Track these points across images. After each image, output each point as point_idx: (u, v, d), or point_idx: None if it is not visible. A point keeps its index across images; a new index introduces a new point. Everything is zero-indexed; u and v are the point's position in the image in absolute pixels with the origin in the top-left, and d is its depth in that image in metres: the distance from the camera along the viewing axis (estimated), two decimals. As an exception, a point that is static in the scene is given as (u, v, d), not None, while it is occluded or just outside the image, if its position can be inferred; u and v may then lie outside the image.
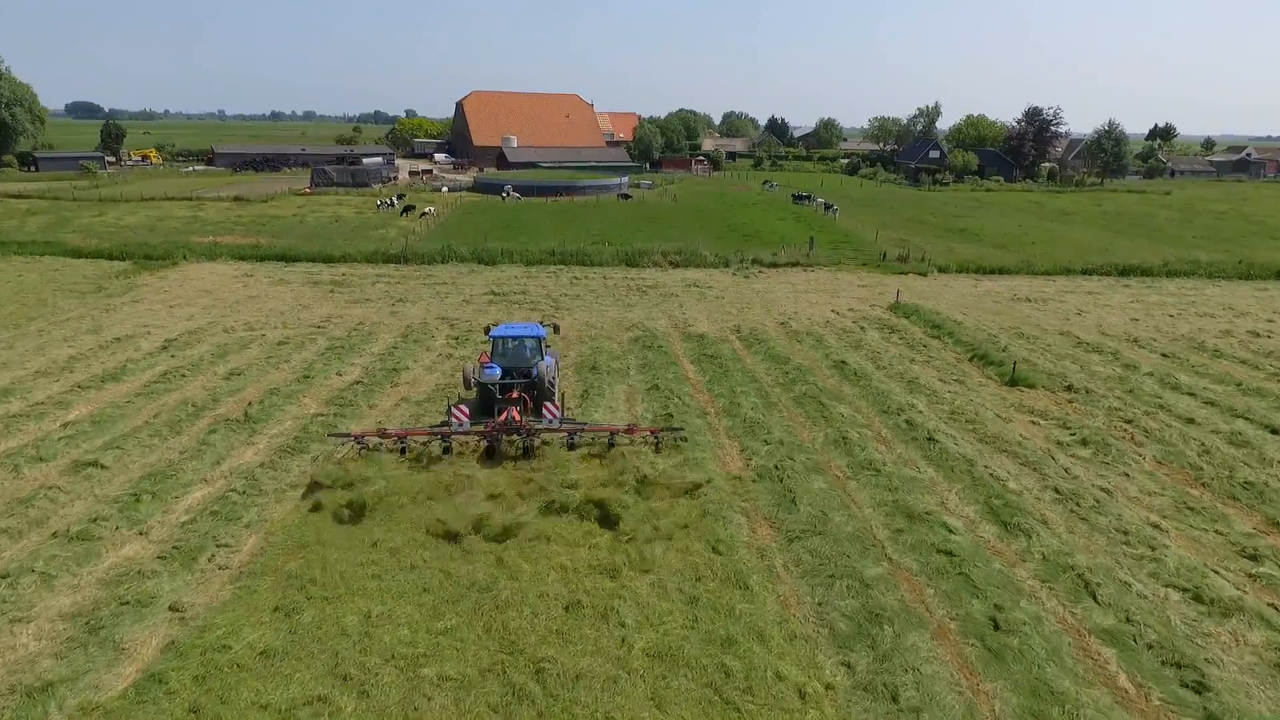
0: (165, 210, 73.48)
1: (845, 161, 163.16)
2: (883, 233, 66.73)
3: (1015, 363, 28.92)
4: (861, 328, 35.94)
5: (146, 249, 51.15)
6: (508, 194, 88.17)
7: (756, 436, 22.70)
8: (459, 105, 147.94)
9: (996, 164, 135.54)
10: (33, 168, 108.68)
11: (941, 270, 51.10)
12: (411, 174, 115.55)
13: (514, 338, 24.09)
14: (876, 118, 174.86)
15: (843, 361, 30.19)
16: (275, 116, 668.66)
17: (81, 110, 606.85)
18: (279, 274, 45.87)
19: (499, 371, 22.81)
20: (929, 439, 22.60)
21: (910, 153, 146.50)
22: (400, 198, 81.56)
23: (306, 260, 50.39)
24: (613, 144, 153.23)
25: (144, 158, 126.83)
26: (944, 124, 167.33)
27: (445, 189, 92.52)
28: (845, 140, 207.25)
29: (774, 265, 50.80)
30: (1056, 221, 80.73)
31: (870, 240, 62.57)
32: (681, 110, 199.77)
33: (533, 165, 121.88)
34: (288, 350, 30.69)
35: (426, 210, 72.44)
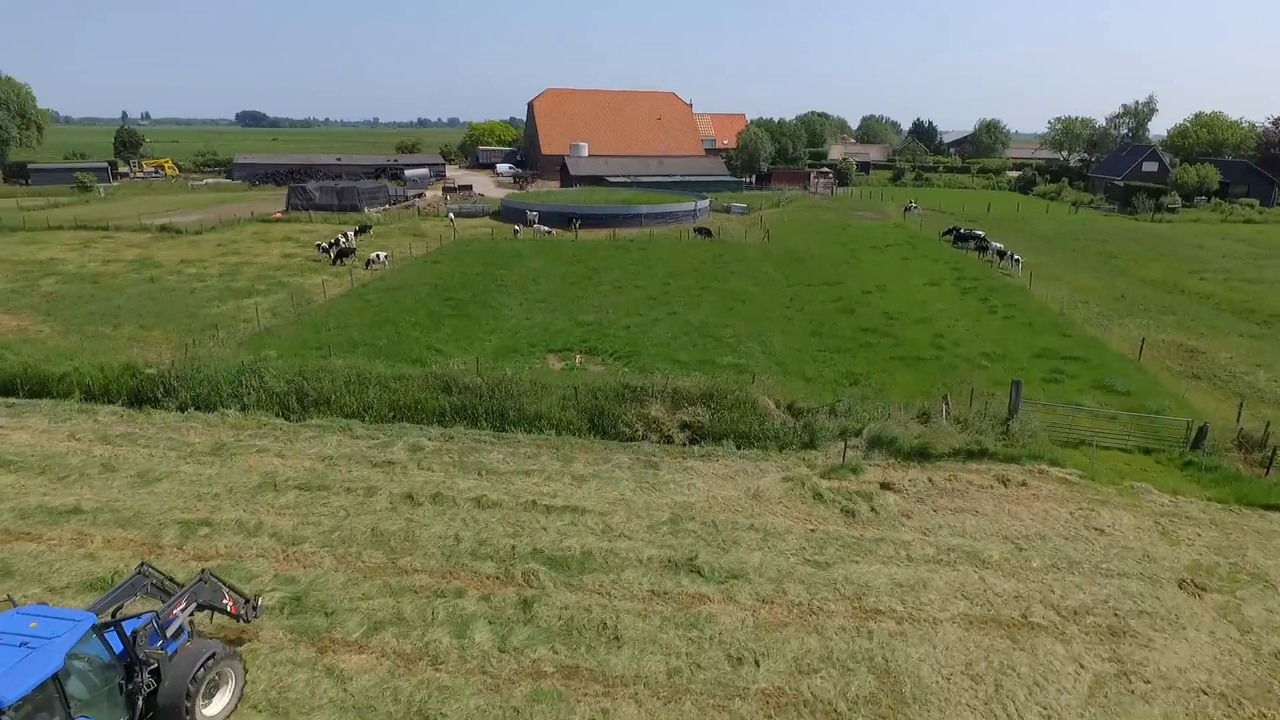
0: (25, 253, 52.41)
1: (1015, 175, 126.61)
2: (1134, 325, 35.31)
3: None
4: None
5: None
6: (527, 225, 62.22)
7: None
8: (530, 106, 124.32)
9: (1246, 180, 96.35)
10: (24, 180, 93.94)
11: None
12: (446, 191, 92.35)
13: None
14: (1059, 118, 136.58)
15: None
16: (422, 123, 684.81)
17: (249, 119, 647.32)
18: None
19: None
20: None
21: (1113, 164, 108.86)
22: (360, 231, 57.39)
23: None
24: (713, 152, 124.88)
25: (157, 169, 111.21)
26: (1158, 126, 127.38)
27: (451, 215, 67.91)
28: (1007, 148, 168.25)
29: (923, 455, 21.28)
30: None
31: (1122, 352, 31.39)
32: (811, 113, 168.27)
33: (599, 180, 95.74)
34: None
35: (375, 257, 47.60)
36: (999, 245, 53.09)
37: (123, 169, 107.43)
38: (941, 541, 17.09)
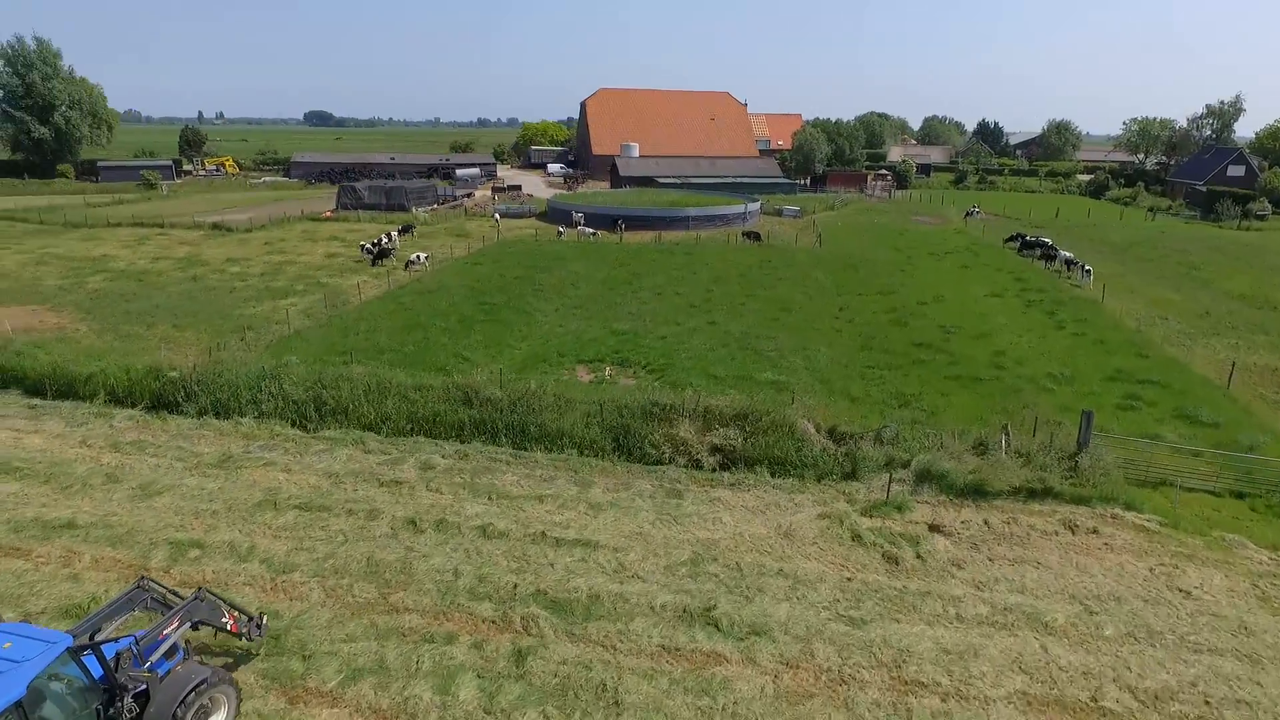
0: (82, 249, 53.60)
1: (1086, 178, 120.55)
2: (1221, 345, 32.16)
3: None
4: None
5: None
6: (571, 227, 61.19)
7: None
8: (582, 106, 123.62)
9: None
10: (95, 178, 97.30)
11: None
12: (495, 191, 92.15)
13: None
14: (1134, 119, 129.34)
15: None
16: (481, 123, 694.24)
17: (316, 119, 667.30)
18: None
19: None
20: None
21: (1195, 168, 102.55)
22: (404, 231, 57.06)
23: (21, 389, 26.16)
24: (768, 153, 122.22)
25: (219, 167, 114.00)
26: (1245, 127, 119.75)
27: (497, 215, 67.29)
28: (1078, 150, 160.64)
29: (979, 493, 19.10)
30: None
31: (1207, 376, 28.38)
32: (870, 114, 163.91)
33: (649, 181, 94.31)
34: None
35: (415, 258, 47.05)
36: (1068, 254, 49.75)
37: (186, 167, 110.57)
38: (997, 599, 15.04)
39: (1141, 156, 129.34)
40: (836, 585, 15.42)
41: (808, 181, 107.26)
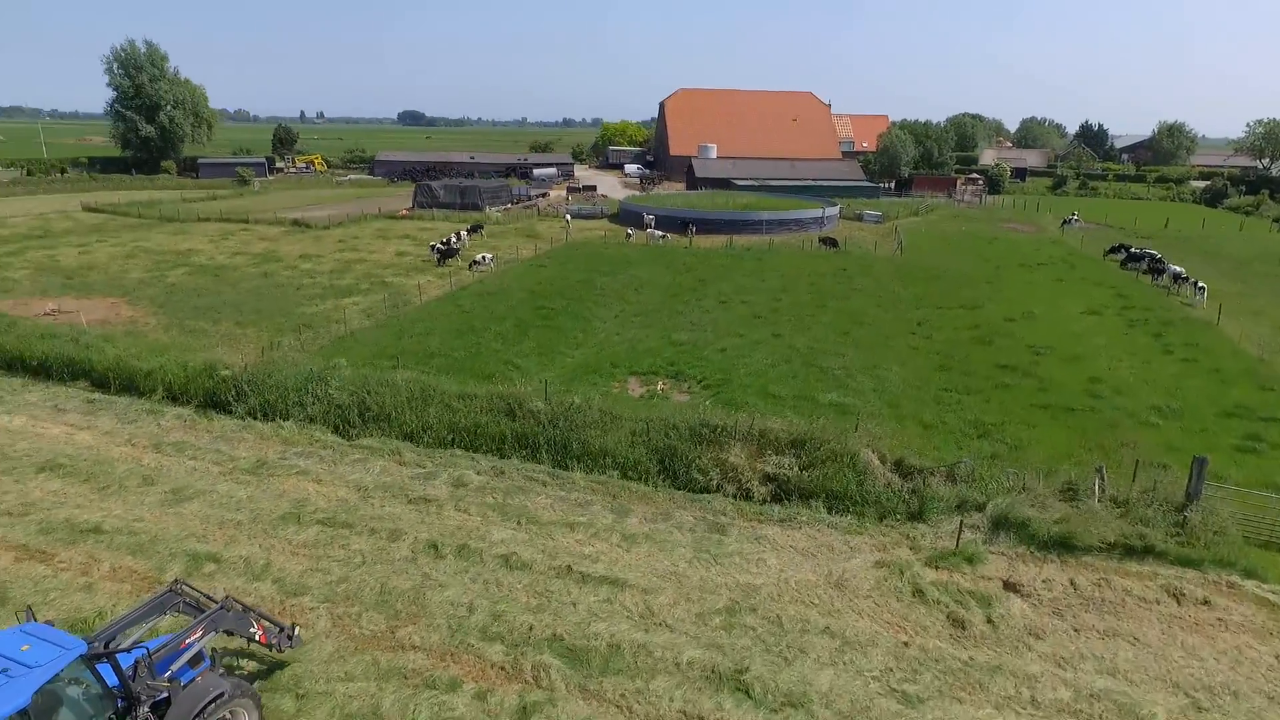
0: (170, 243, 55.79)
1: (1201, 185, 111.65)
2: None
3: None
4: None
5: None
6: (642, 229, 60.03)
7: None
8: (661, 106, 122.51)
9: None
10: (195, 174, 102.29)
11: None
12: (570, 191, 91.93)
13: None
14: (1259, 120, 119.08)
15: None
16: (566, 123, 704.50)
17: (409, 118, 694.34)
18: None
19: None
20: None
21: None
22: (473, 230, 57.01)
23: (88, 382, 26.69)
24: (851, 155, 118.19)
25: (308, 165, 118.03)
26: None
27: (568, 217, 66.78)
28: (1192, 154, 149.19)
29: (1065, 547, 16.73)
30: None
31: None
32: (962, 115, 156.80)
33: (725, 183, 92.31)
34: None
35: (481, 258, 46.81)
36: (1177, 268, 45.31)
37: (279, 164, 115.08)
38: (1082, 681, 12.87)
39: (1266, 161, 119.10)
40: (891, 650, 13.55)
41: (892, 185, 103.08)
